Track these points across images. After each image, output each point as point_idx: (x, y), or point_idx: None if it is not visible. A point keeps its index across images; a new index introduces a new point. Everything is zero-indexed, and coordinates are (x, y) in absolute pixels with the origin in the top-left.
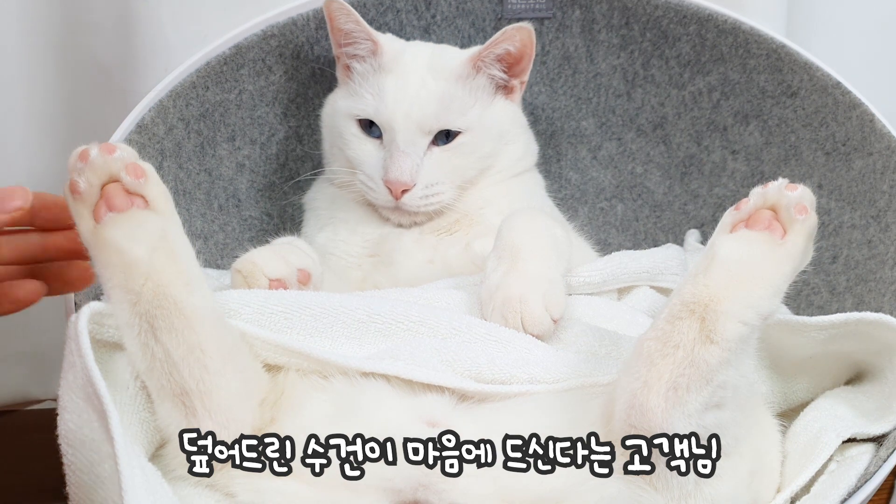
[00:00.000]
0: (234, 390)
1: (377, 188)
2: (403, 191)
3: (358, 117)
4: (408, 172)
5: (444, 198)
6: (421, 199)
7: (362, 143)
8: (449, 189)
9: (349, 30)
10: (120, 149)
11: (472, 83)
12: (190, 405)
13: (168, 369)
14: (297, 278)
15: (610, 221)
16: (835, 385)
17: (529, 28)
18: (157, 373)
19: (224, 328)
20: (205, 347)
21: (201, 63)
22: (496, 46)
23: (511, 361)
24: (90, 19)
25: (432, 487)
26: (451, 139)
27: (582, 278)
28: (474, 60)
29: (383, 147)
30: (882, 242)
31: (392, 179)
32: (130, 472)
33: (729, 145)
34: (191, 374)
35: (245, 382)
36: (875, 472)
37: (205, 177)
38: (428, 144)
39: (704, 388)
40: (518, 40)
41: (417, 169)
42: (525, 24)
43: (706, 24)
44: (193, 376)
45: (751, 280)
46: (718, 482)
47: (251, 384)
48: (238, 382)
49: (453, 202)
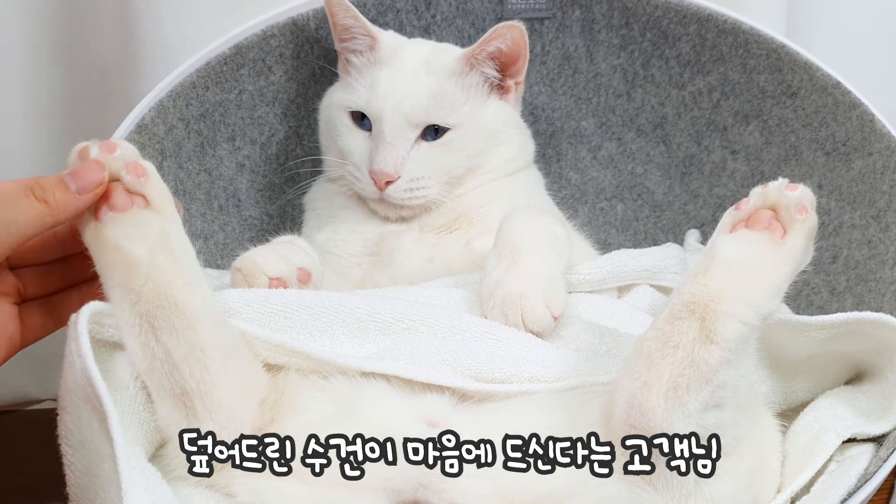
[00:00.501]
0: (235, 390)
1: (363, 178)
2: (387, 182)
3: (350, 109)
4: (392, 164)
5: (430, 192)
6: (405, 191)
7: (352, 135)
8: (435, 184)
9: (348, 25)
10: (121, 147)
11: (465, 80)
12: (190, 405)
13: (168, 369)
14: (298, 277)
15: (610, 221)
16: (835, 385)
17: (520, 26)
18: (158, 373)
19: (224, 328)
20: (205, 347)
21: (201, 63)
22: (488, 44)
23: (511, 360)
24: (90, 19)
25: (432, 487)
26: (440, 135)
27: (582, 276)
28: (468, 58)
29: (372, 139)
30: (882, 242)
31: (376, 170)
32: (130, 472)
33: (729, 145)
34: (191, 374)
35: (245, 382)
36: (875, 472)
37: (205, 177)
38: (416, 138)
39: (704, 388)
40: (509, 38)
41: (402, 161)
42: (516, 22)
43: (706, 24)
44: (194, 376)
45: (751, 280)
46: (718, 482)
47: (251, 384)
48: (238, 382)
49: (440, 198)
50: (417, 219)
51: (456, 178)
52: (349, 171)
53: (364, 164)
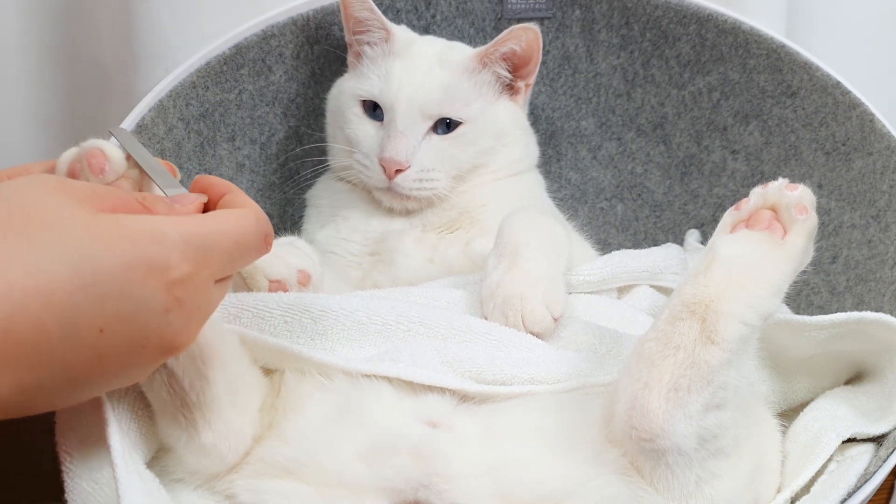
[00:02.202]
0: (235, 401)
1: (372, 167)
2: (397, 171)
3: (362, 98)
4: (403, 152)
5: (438, 185)
6: (414, 181)
7: (363, 124)
8: (443, 178)
9: (363, 17)
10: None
11: (478, 78)
12: (190, 417)
13: (168, 381)
14: (297, 279)
15: (610, 221)
16: (835, 385)
17: (536, 29)
18: (157, 385)
19: (224, 337)
20: (205, 358)
21: (201, 63)
22: (502, 45)
23: (512, 361)
24: (90, 19)
25: (433, 488)
26: (452, 130)
27: (582, 276)
28: (481, 56)
29: (383, 129)
30: (882, 242)
31: (387, 158)
32: (128, 478)
33: (729, 145)
34: (191, 387)
35: (245, 391)
36: (875, 472)
37: None
38: (427, 130)
39: (705, 388)
40: (524, 41)
41: (414, 151)
42: (532, 24)
43: (706, 24)
44: (194, 388)
45: (751, 280)
46: (719, 482)
47: (251, 392)
48: (238, 392)
49: (447, 193)
50: (420, 216)
51: (463, 174)
52: (357, 160)
53: (374, 152)
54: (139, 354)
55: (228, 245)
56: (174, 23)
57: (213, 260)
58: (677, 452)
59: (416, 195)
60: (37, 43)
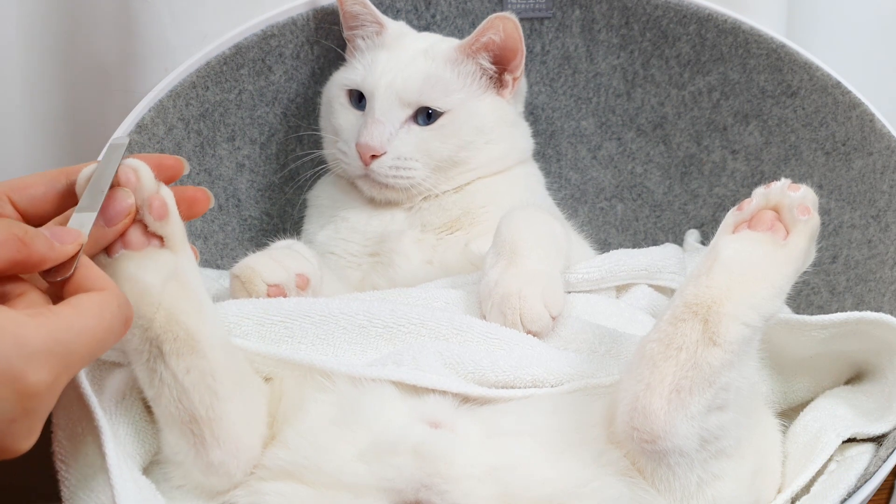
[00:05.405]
0: (244, 417)
1: (350, 153)
2: (373, 157)
3: (347, 87)
4: (378, 138)
5: (416, 175)
6: (390, 168)
7: (346, 112)
8: (421, 168)
9: (356, 12)
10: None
11: (461, 69)
12: (198, 433)
13: (177, 395)
14: (296, 283)
15: (610, 221)
16: (835, 385)
17: (512, 18)
18: (166, 399)
19: (233, 354)
20: (216, 374)
21: (201, 63)
22: (482, 35)
23: (514, 363)
24: (90, 19)
25: (434, 488)
26: (433, 121)
27: (580, 275)
28: (464, 47)
29: (363, 117)
30: (882, 242)
31: (362, 143)
32: (123, 486)
33: (729, 145)
34: (201, 401)
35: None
36: (875, 472)
37: (205, 177)
38: (406, 118)
39: (707, 390)
40: (501, 30)
41: (390, 138)
42: (508, 13)
43: (706, 23)
44: (203, 403)
45: (753, 281)
46: (721, 483)
47: (260, 408)
48: (248, 408)
49: (427, 186)
50: (419, 216)
51: (443, 167)
52: (339, 148)
53: (353, 138)
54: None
55: (92, 344)
56: (174, 23)
57: (74, 363)
58: (679, 454)
59: (392, 183)
60: (37, 43)
